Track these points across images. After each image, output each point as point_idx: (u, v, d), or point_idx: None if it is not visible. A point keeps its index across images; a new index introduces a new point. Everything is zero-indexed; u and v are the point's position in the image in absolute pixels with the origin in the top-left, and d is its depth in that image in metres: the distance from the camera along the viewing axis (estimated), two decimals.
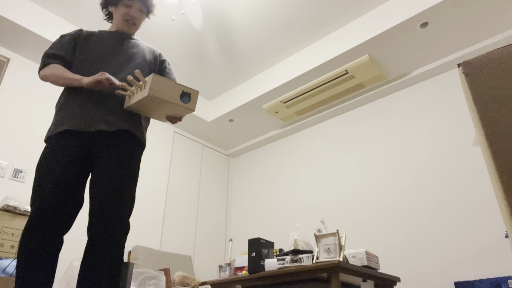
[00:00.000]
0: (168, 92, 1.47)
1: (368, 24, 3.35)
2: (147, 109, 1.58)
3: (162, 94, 1.46)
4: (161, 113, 1.60)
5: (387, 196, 3.49)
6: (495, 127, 0.68)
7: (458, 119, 3.31)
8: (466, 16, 3.04)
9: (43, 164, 1.51)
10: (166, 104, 1.49)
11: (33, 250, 1.37)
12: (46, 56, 1.69)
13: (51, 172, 1.47)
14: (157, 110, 1.57)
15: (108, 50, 1.74)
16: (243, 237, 4.60)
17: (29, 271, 1.34)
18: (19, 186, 3.10)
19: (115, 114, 1.61)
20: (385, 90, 3.84)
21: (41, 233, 1.39)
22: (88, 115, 1.57)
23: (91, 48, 1.73)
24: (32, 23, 3.19)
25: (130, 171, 1.57)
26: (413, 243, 3.17)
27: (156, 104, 1.50)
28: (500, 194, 0.67)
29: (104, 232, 1.42)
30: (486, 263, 2.77)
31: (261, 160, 4.86)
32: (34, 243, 1.38)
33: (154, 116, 1.65)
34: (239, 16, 3.47)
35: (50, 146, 1.54)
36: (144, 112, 1.62)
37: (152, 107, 1.55)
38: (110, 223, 1.43)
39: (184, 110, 1.54)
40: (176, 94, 1.49)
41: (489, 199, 2.91)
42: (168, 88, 1.47)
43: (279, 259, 2.18)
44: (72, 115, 1.57)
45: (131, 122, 1.66)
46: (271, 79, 4.02)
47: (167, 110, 1.56)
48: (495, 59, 0.73)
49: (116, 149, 1.56)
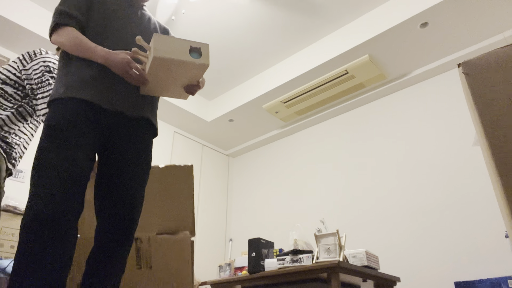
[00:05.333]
0: (175, 50, 1.30)
1: (368, 24, 3.35)
2: (161, 83, 1.40)
3: (168, 53, 1.28)
4: (176, 84, 1.42)
5: (387, 196, 3.49)
6: (495, 127, 0.68)
7: (458, 119, 3.31)
8: (466, 16, 3.04)
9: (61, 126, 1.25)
10: (176, 65, 1.31)
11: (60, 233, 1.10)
12: (59, 14, 1.41)
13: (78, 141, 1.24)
14: (170, 80, 1.38)
15: (126, 18, 1.52)
16: (243, 237, 4.60)
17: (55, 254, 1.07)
18: (19, 186, 3.10)
19: (135, 97, 1.43)
20: (385, 90, 3.84)
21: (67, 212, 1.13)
22: (107, 89, 1.36)
23: (109, 14, 1.48)
24: (32, 23, 3.19)
25: (148, 168, 1.44)
26: (413, 243, 3.17)
27: (166, 69, 1.32)
28: (500, 194, 0.67)
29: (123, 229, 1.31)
30: (486, 263, 2.77)
31: (261, 160, 4.86)
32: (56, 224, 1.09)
33: (170, 91, 1.46)
34: (239, 16, 3.47)
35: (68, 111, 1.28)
36: (159, 88, 1.43)
37: (164, 78, 1.37)
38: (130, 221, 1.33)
39: (198, 68, 1.34)
40: (185, 51, 1.31)
41: (489, 199, 2.91)
42: (174, 45, 1.30)
43: (279, 259, 2.18)
44: (89, 84, 1.33)
45: (151, 109, 1.50)
46: (271, 79, 4.02)
47: (180, 76, 1.37)
48: (495, 59, 0.73)
49: (138, 142, 1.41)
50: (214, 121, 4.53)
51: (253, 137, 4.90)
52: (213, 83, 4.36)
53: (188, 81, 1.41)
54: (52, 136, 1.23)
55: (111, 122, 1.37)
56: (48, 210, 1.09)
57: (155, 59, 1.27)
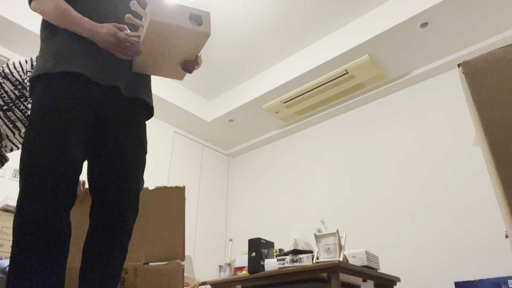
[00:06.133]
0: (174, 15, 1.15)
1: (368, 24, 3.35)
2: (156, 57, 1.26)
3: (167, 18, 1.13)
4: (172, 59, 1.28)
5: (387, 196, 3.49)
6: (495, 127, 0.68)
7: (458, 119, 3.32)
8: (466, 16, 3.04)
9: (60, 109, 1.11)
10: (175, 32, 1.16)
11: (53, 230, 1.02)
12: None
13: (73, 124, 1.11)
14: (166, 53, 1.24)
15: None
16: (243, 237, 4.60)
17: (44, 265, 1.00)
18: None
19: (130, 75, 1.30)
20: (385, 90, 3.84)
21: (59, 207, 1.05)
22: (101, 63, 1.21)
23: None
24: (32, 23, 3.19)
25: (145, 153, 1.33)
26: (413, 243, 3.17)
27: (163, 37, 1.17)
28: (500, 194, 0.67)
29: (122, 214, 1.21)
30: (486, 263, 2.77)
31: (261, 160, 4.86)
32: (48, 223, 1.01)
33: (166, 68, 1.32)
34: (239, 16, 3.47)
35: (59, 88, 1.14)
36: (154, 64, 1.29)
37: (159, 49, 1.22)
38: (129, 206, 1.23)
39: (198, 37, 1.20)
40: (184, 17, 1.17)
41: (489, 199, 2.91)
42: (173, 11, 1.16)
43: (279, 259, 2.18)
44: (81, 55, 1.19)
45: (146, 89, 1.37)
46: (271, 79, 4.02)
47: (178, 47, 1.22)
48: (495, 59, 0.73)
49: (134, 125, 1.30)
50: (214, 121, 4.53)
51: (253, 137, 4.90)
52: (213, 83, 4.36)
53: (186, 55, 1.27)
54: (40, 122, 1.09)
55: (105, 101, 1.23)
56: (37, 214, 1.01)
57: (151, 24, 1.12)
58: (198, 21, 1.19)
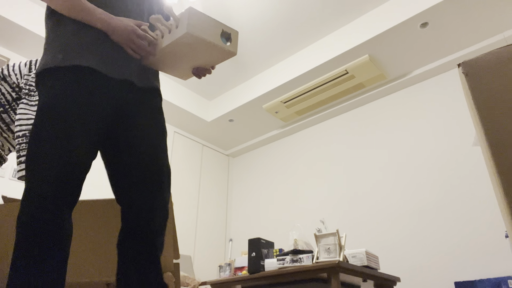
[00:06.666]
0: (208, 30, 1.15)
1: (368, 24, 3.35)
2: (174, 59, 1.24)
3: (202, 32, 1.13)
4: (188, 64, 1.27)
5: (387, 196, 3.49)
6: (495, 127, 0.68)
7: (458, 119, 3.32)
8: (466, 16, 3.04)
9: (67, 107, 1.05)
10: (205, 46, 1.16)
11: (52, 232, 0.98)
12: None
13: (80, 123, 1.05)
14: (185, 58, 1.23)
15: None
16: (243, 237, 4.60)
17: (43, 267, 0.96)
18: (19, 186, 3.10)
19: (141, 65, 1.25)
20: (385, 90, 3.85)
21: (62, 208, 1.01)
22: (112, 55, 1.16)
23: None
24: (32, 23, 3.19)
25: (166, 141, 1.27)
26: (413, 243, 3.18)
27: (190, 47, 1.17)
28: (500, 194, 0.67)
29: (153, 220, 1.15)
30: (486, 263, 2.77)
31: (261, 160, 4.86)
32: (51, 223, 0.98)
33: (177, 69, 1.30)
34: (239, 16, 3.47)
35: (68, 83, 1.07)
36: (168, 64, 1.27)
37: (181, 55, 1.21)
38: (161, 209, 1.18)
39: (224, 54, 1.20)
40: (217, 33, 1.17)
41: (489, 199, 2.91)
42: (208, 25, 1.15)
43: (279, 259, 2.18)
44: (91, 47, 1.13)
45: (155, 76, 1.32)
46: (271, 79, 4.02)
47: (201, 57, 1.22)
48: (495, 59, 0.73)
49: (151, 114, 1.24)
50: (214, 121, 4.53)
51: (253, 137, 4.90)
52: (213, 83, 4.36)
53: (204, 64, 1.27)
54: (48, 121, 1.04)
55: (120, 94, 1.17)
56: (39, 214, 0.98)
57: (186, 35, 1.11)
58: (228, 38, 1.20)
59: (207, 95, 4.56)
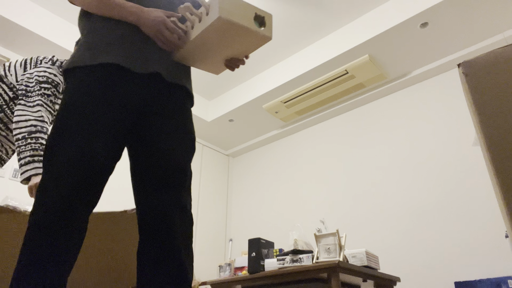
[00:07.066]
0: (241, 14, 1.06)
1: (368, 24, 3.35)
2: (205, 51, 1.16)
3: (236, 17, 1.04)
4: (220, 55, 1.19)
5: (387, 196, 3.49)
6: (495, 128, 0.68)
7: (458, 119, 3.32)
8: (466, 16, 3.04)
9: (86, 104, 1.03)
10: (239, 32, 1.08)
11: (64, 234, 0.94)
12: None
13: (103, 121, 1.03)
14: (219, 49, 1.15)
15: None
16: (243, 237, 4.60)
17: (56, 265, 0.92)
18: (19, 186, 3.10)
19: (170, 61, 1.21)
20: (385, 90, 3.85)
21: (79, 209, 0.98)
22: (139, 50, 1.14)
23: None
24: (32, 23, 3.19)
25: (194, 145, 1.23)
26: (413, 243, 3.18)
27: (223, 35, 1.09)
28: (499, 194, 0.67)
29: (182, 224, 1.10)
30: (486, 263, 2.77)
31: (261, 160, 4.86)
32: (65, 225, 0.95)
33: (209, 62, 1.22)
34: None
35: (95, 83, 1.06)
36: (199, 57, 1.19)
37: (212, 45, 1.13)
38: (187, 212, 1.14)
39: (259, 39, 1.12)
40: (250, 17, 1.08)
41: (489, 199, 2.91)
42: (240, 8, 1.06)
43: (279, 259, 2.18)
44: (117, 44, 1.12)
45: (187, 76, 1.28)
46: (271, 79, 4.02)
47: (235, 45, 1.14)
48: (495, 59, 0.73)
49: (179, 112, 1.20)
50: (214, 121, 4.53)
51: (253, 137, 4.90)
52: (213, 83, 4.36)
53: (236, 54, 1.18)
54: (71, 116, 1.02)
55: (145, 91, 1.15)
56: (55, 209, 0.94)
57: (218, 20, 1.03)
58: (261, 23, 1.11)
59: (207, 95, 4.56)
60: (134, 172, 1.16)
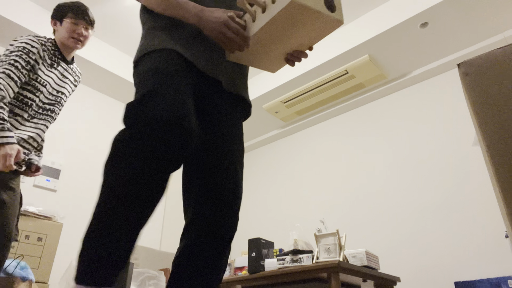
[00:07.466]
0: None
1: (368, 24, 3.35)
2: (266, 45, 1.05)
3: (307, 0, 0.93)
4: (285, 47, 1.07)
5: (387, 196, 3.49)
6: (494, 128, 0.68)
7: (458, 119, 3.32)
8: (466, 16, 3.04)
9: (171, 73, 1.00)
10: (310, 18, 0.96)
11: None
12: None
13: (187, 89, 1.00)
14: (283, 40, 1.04)
15: None
16: (243, 237, 4.60)
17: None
18: (22, 186, 3.10)
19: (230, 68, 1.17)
20: (385, 90, 3.85)
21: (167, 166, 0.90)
22: (205, 51, 1.11)
23: None
24: (32, 23, 3.19)
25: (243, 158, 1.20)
26: (413, 243, 3.18)
27: (290, 24, 0.98)
28: (499, 194, 0.67)
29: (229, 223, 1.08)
30: (486, 263, 2.77)
31: (261, 160, 4.86)
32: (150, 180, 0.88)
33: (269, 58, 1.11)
34: None
35: (170, 60, 1.03)
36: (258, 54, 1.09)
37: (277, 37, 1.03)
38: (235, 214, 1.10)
39: (330, 25, 0.99)
40: (319, 1, 0.96)
41: (489, 199, 2.91)
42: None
43: (279, 259, 2.18)
44: (184, 41, 1.09)
45: (245, 84, 1.24)
46: (271, 79, 4.02)
47: (302, 34, 1.02)
48: (495, 59, 0.73)
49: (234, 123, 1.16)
50: None
51: (253, 137, 4.90)
52: None
53: (300, 45, 1.06)
54: (154, 77, 0.98)
55: (207, 91, 1.11)
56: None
57: (292, 6, 0.91)
58: (330, 6, 0.98)
59: None
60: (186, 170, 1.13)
